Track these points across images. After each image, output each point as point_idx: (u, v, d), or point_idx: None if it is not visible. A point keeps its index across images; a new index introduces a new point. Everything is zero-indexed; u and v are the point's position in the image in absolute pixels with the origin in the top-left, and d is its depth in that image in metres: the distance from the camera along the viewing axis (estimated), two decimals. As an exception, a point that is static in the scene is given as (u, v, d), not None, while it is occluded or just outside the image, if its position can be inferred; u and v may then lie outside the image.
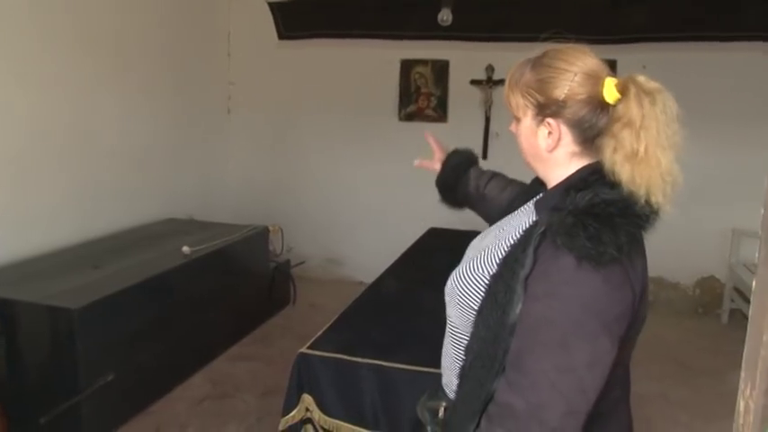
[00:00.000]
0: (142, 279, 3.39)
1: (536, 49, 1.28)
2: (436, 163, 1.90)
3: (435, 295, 1.48)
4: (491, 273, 1.25)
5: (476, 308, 1.26)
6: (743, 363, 0.84)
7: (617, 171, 1.13)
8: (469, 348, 1.28)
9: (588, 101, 1.19)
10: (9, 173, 3.41)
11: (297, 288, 5.15)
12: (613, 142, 1.14)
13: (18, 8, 3.52)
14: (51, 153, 3.83)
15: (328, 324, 2.73)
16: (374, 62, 5.45)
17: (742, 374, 0.84)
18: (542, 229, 1.15)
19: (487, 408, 1.17)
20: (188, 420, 3.33)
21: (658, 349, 4.28)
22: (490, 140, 5.22)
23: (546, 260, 1.13)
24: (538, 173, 1.34)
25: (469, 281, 1.30)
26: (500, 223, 1.43)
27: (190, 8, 5.18)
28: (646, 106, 1.13)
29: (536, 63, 1.25)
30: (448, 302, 1.39)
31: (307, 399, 2.38)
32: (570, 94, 1.20)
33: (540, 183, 1.37)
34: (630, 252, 1.12)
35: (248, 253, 4.58)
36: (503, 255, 1.25)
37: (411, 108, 5.47)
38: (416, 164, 1.95)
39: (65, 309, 2.92)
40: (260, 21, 5.57)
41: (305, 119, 5.72)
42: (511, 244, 1.25)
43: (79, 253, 3.80)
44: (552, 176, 1.29)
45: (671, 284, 5.20)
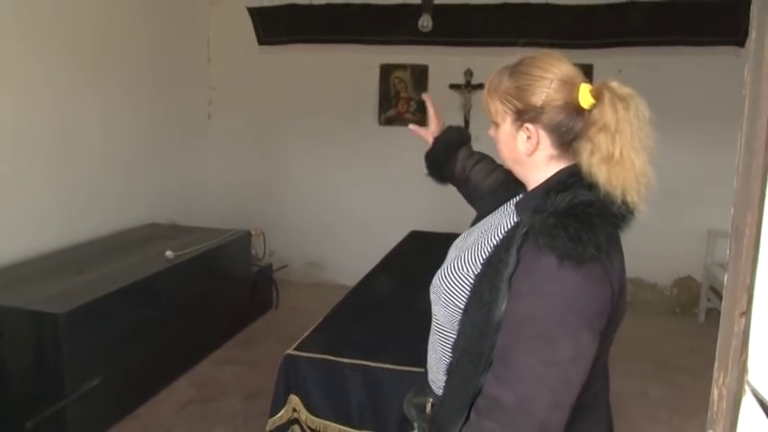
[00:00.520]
0: (126, 284, 3.40)
1: (513, 56, 1.32)
2: (429, 135, 1.91)
3: (417, 296, 1.51)
4: (475, 272, 1.29)
5: (461, 306, 1.30)
6: (716, 353, 0.88)
7: (594, 173, 1.18)
8: (456, 346, 1.31)
9: (564, 106, 1.24)
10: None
11: (279, 292, 5.17)
12: (590, 146, 1.19)
13: (1, 11, 3.52)
14: (34, 157, 3.81)
15: (314, 326, 2.76)
16: (354, 67, 5.49)
17: (716, 365, 0.88)
18: (525, 230, 1.20)
19: (476, 402, 1.21)
20: (174, 424, 3.34)
21: (637, 348, 4.36)
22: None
23: (529, 260, 1.18)
24: (518, 175, 1.39)
25: (454, 280, 1.34)
26: (481, 224, 1.47)
27: (170, 13, 5.18)
28: (620, 111, 1.18)
29: (513, 71, 1.30)
30: (434, 301, 1.43)
31: (294, 399, 2.40)
32: (547, 101, 1.24)
33: (520, 184, 1.41)
34: (609, 250, 1.16)
35: (231, 257, 4.60)
36: (486, 254, 1.29)
37: (391, 112, 5.52)
38: (411, 127, 1.97)
39: (50, 314, 2.93)
40: (240, 26, 5.59)
41: (285, 123, 5.74)
42: (494, 244, 1.29)
43: (63, 258, 3.80)
44: (532, 179, 1.34)
45: (649, 285, 5.29)
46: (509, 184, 1.49)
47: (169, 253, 3.88)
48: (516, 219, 1.32)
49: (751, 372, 0.76)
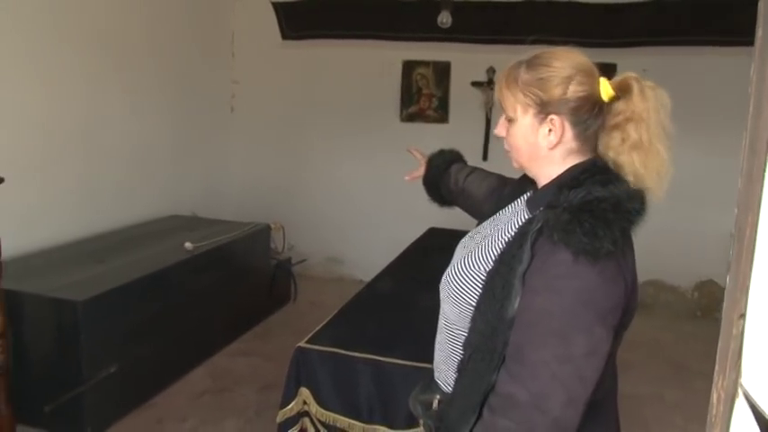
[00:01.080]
0: (145, 273, 3.44)
1: (525, 53, 1.32)
2: (421, 168, 1.99)
3: (432, 293, 1.51)
4: (487, 269, 1.29)
5: (472, 303, 1.30)
6: (717, 356, 0.87)
7: (626, 162, 1.20)
8: (468, 343, 1.31)
9: (588, 98, 1.25)
10: (17, 169, 3.41)
11: (297, 286, 5.19)
12: (620, 134, 1.21)
13: (24, 8, 3.58)
14: (58, 150, 3.88)
15: (327, 319, 2.77)
16: (376, 63, 5.49)
17: (716, 367, 0.87)
18: (539, 226, 1.20)
19: (488, 399, 1.21)
20: (188, 413, 3.38)
21: (656, 351, 4.32)
22: (491, 142, 5.25)
23: (543, 255, 1.18)
24: (530, 171, 1.38)
25: (465, 277, 1.34)
26: (488, 222, 1.47)
27: (194, 8, 5.23)
28: (650, 100, 1.20)
29: (531, 63, 1.29)
30: (443, 299, 1.43)
31: (304, 392, 2.41)
32: (572, 91, 1.25)
33: (531, 181, 1.41)
34: (623, 246, 1.17)
35: (250, 250, 4.63)
36: (498, 251, 1.29)
37: (412, 109, 5.51)
38: (407, 179, 2.03)
39: (69, 301, 2.99)
40: (264, 21, 5.61)
41: (307, 118, 5.76)
42: (506, 240, 1.29)
43: (84, 248, 3.86)
44: (544, 174, 1.33)
45: (670, 287, 5.23)
46: (507, 187, 1.52)
47: (188, 244, 3.92)
48: (528, 215, 1.32)
49: (744, 374, 0.75)
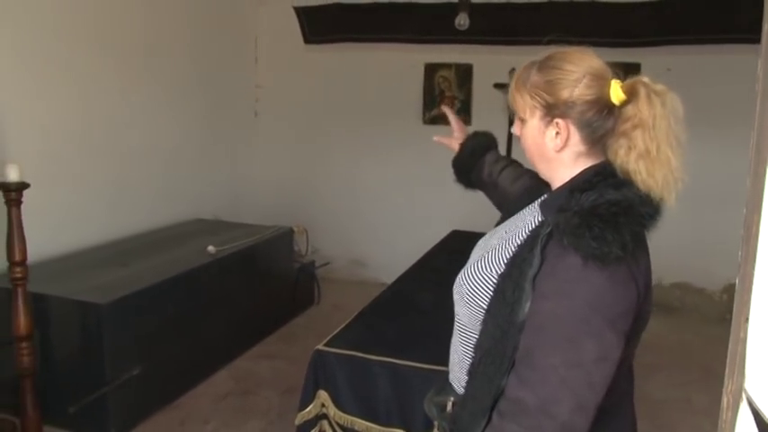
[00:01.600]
0: (168, 277, 3.48)
1: (540, 53, 1.31)
2: (454, 142, 1.90)
3: (451, 296, 1.51)
4: (499, 272, 1.28)
5: (484, 306, 1.30)
6: (727, 360, 0.86)
7: (632, 170, 1.17)
8: (478, 346, 1.31)
9: (595, 102, 1.22)
10: (45, 174, 3.49)
11: (321, 289, 5.21)
12: (627, 142, 1.18)
13: (55, 15, 3.65)
14: (85, 156, 3.95)
15: (346, 323, 2.78)
16: (398, 66, 5.49)
17: (726, 371, 0.86)
18: (549, 230, 1.19)
19: (498, 403, 1.21)
20: (211, 415, 3.41)
21: (683, 355, 4.25)
22: (514, 144, 5.21)
23: (553, 259, 1.17)
24: (542, 173, 1.37)
25: (478, 280, 1.33)
26: (506, 224, 1.45)
27: (218, 14, 5.29)
28: (657, 106, 1.17)
29: (543, 65, 1.28)
30: (456, 301, 1.43)
31: (322, 395, 2.42)
32: (578, 95, 1.23)
33: (545, 183, 1.40)
34: (634, 250, 1.15)
35: (273, 253, 4.66)
36: (510, 254, 1.28)
37: (435, 111, 5.49)
38: (435, 139, 1.97)
39: (93, 303, 3.03)
40: (286, 26, 5.65)
41: (330, 122, 5.78)
42: (518, 244, 1.28)
43: (109, 250, 3.92)
44: (557, 177, 1.32)
45: (697, 290, 5.13)
46: (536, 189, 1.47)
47: (211, 248, 3.96)
48: (541, 218, 1.31)
49: (748, 378, 0.74)
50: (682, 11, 4.64)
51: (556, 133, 1.26)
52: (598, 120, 1.23)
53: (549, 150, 1.28)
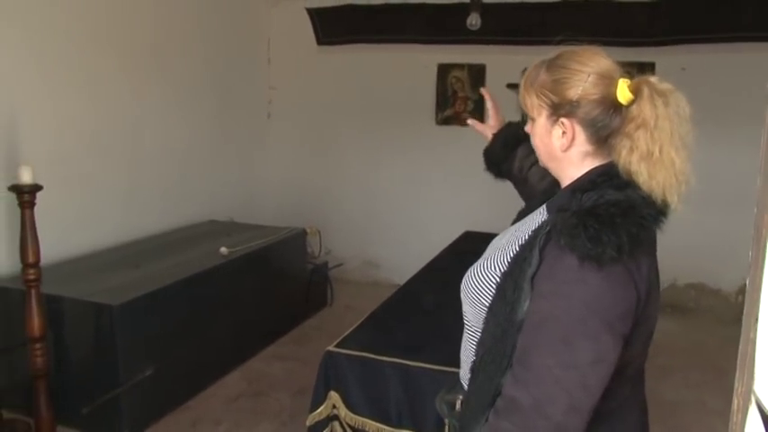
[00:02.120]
0: (180, 278, 3.50)
1: (551, 52, 1.30)
2: (488, 130, 1.87)
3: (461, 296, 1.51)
4: (502, 271, 1.28)
5: (487, 305, 1.30)
6: (738, 361, 0.84)
7: (633, 171, 1.16)
8: (481, 344, 1.31)
9: (601, 101, 1.22)
10: (58, 177, 3.53)
11: (334, 290, 5.21)
12: (629, 143, 1.17)
13: (65, 16, 3.68)
14: (98, 158, 3.98)
15: (357, 324, 2.77)
16: (411, 66, 5.48)
17: (737, 373, 0.84)
18: (548, 230, 1.19)
19: (495, 402, 1.20)
20: (223, 416, 3.41)
21: (697, 356, 4.21)
22: (527, 144, 5.19)
23: (551, 259, 1.16)
24: (553, 172, 1.37)
25: (482, 279, 1.34)
26: (517, 224, 1.45)
27: (231, 16, 5.31)
28: (659, 107, 1.15)
29: (551, 64, 1.27)
30: (463, 299, 1.43)
31: (333, 396, 2.42)
32: (583, 95, 1.22)
33: (557, 183, 1.39)
34: (633, 252, 1.13)
35: (286, 255, 4.67)
36: (513, 254, 1.28)
37: (448, 112, 5.49)
38: (470, 122, 1.94)
39: (106, 305, 3.05)
40: (299, 27, 5.67)
41: (343, 123, 5.79)
42: (521, 244, 1.28)
43: (122, 252, 3.95)
44: (565, 176, 1.31)
45: (712, 291, 5.08)
46: (552, 191, 1.45)
47: (223, 249, 3.97)
48: (545, 218, 1.30)
49: (757, 380, 0.72)
50: (696, 9, 4.60)
51: (562, 132, 1.26)
52: (604, 119, 1.22)
53: (556, 150, 1.28)
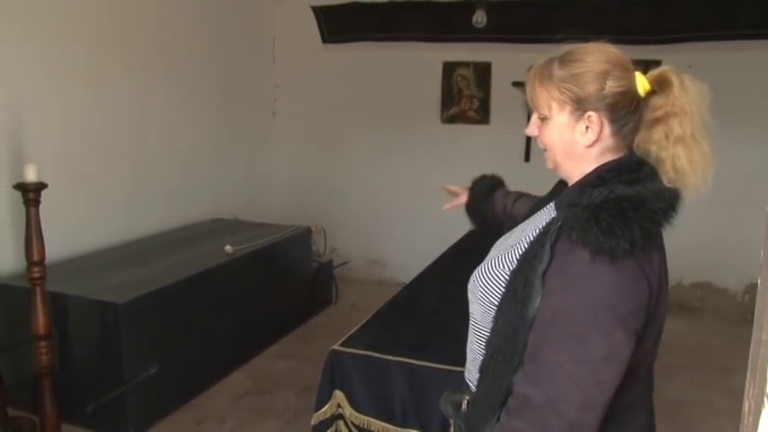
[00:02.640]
0: (184, 276, 3.50)
1: (556, 50, 1.28)
2: (462, 197, 1.98)
3: (467, 296, 1.50)
4: (512, 269, 1.27)
5: (496, 303, 1.29)
6: (748, 363, 0.83)
7: (668, 156, 1.17)
8: (490, 343, 1.30)
9: (625, 93, 1.22)
10: (63, 175, 3.53)
11: (339, 288, 5.21)
12: (663, 128, 1.18)
13: (70, 15, 3.68)
14: (103, 156, 3.98)
15: (362, 323, 2.77)
16: (416, 65, 5.47)
17: (748, 374, 0.83)
18: (558, 225, 1.18)
19: (507, 401, 1.19)
20: (228, 414, 3.41)
21: (704, 356, 4.19)
22: (532, 142, 5.17)
23: (562, 255, 1.16)
24: (564, 172, 1.34)
25: (491, 277, 1.32)
26: (524, 223, 1.44)
27: (236, 15, 5.31)
28: (691, 93, 1.18)
29: (564, 59, 1.25)
30: (470, 299, 1.42)
31: (338, 395, 2.42)
32: (609, 87, 1.21)
33: (564, 184, 1.38)
34: (645, 246, 1.13)
35: (290, 253, 4.66)
36: (522, 251, 1.27)
37: (453, 110, 5.47)
38: (446, 208, 2.04)
39: (111, 303, 3.05)
40: (304, 25, 5.65)
41: (349, 121, 5.79)
42: (530, 241, 1.27)
43: (127, 250, 3.95)
44: (577, 174, 1.29)
45: (718, 290, 5.05)
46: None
47: (228, 248, 3.97)
48: (554, 215, 1.29)
49: (770, 383, 0.71)
50: (701, 7, 4.57)
51: (586, 128, 1.24)
52: (627, 112, 1.22)
53: (579, 146, 1.26)
